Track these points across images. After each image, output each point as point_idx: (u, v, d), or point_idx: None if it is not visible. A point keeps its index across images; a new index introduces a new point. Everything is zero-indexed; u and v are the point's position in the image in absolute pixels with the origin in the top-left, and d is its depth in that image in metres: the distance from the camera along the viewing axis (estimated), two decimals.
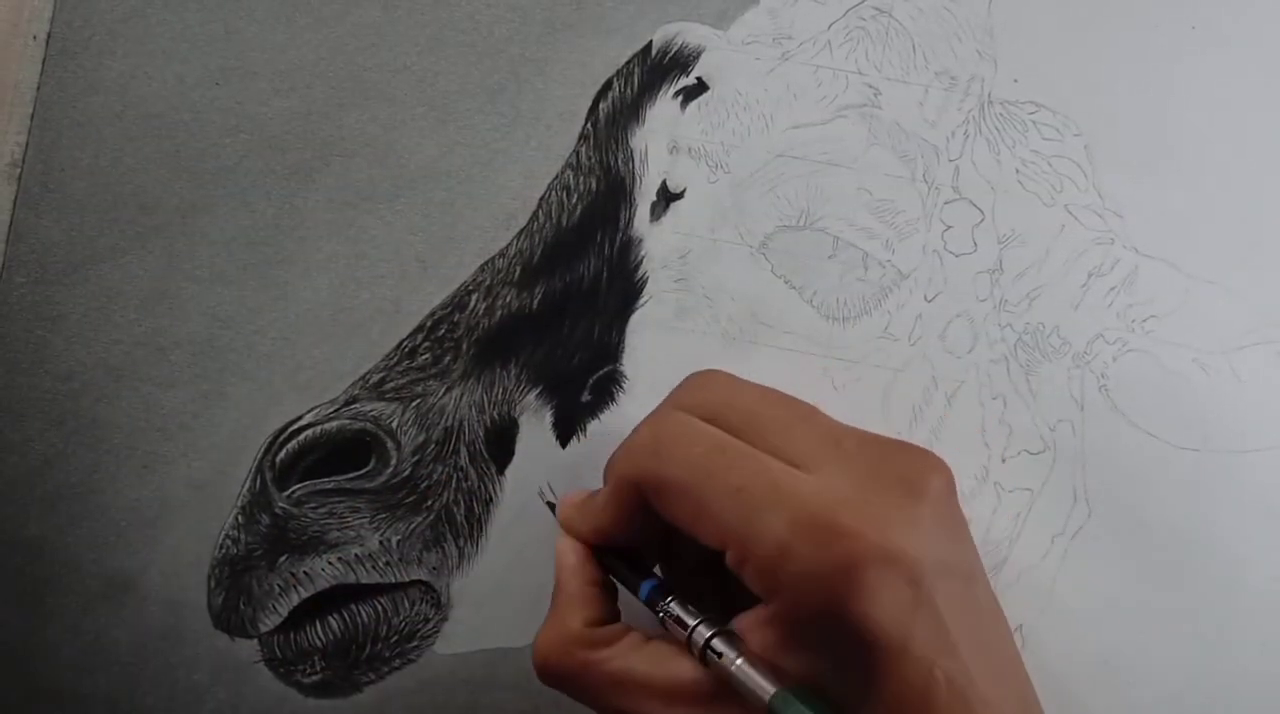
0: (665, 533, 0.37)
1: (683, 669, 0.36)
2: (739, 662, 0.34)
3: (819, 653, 0.34)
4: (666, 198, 0.44)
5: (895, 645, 0.33)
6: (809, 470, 0.36)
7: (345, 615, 0.44)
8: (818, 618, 0.34)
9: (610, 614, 0.38)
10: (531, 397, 0.44)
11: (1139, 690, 0.43)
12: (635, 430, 0.38)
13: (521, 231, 0.45)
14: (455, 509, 0.44)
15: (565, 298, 0.44)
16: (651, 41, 0.45)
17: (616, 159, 0.45)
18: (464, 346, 0.44)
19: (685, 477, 0.36)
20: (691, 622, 0.36)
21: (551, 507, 0.42)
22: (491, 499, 0.44)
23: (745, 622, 0.36)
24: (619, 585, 0.39)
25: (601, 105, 0.45)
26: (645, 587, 0.37)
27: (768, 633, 0.35)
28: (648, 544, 0.39)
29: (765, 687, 0.34)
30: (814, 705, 0.33)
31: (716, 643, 0.35)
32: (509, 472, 0.44)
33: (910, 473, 0.36)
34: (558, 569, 0.39)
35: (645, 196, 0.44)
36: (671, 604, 0.37)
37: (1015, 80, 0.44)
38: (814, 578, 0.33)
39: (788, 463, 0.36)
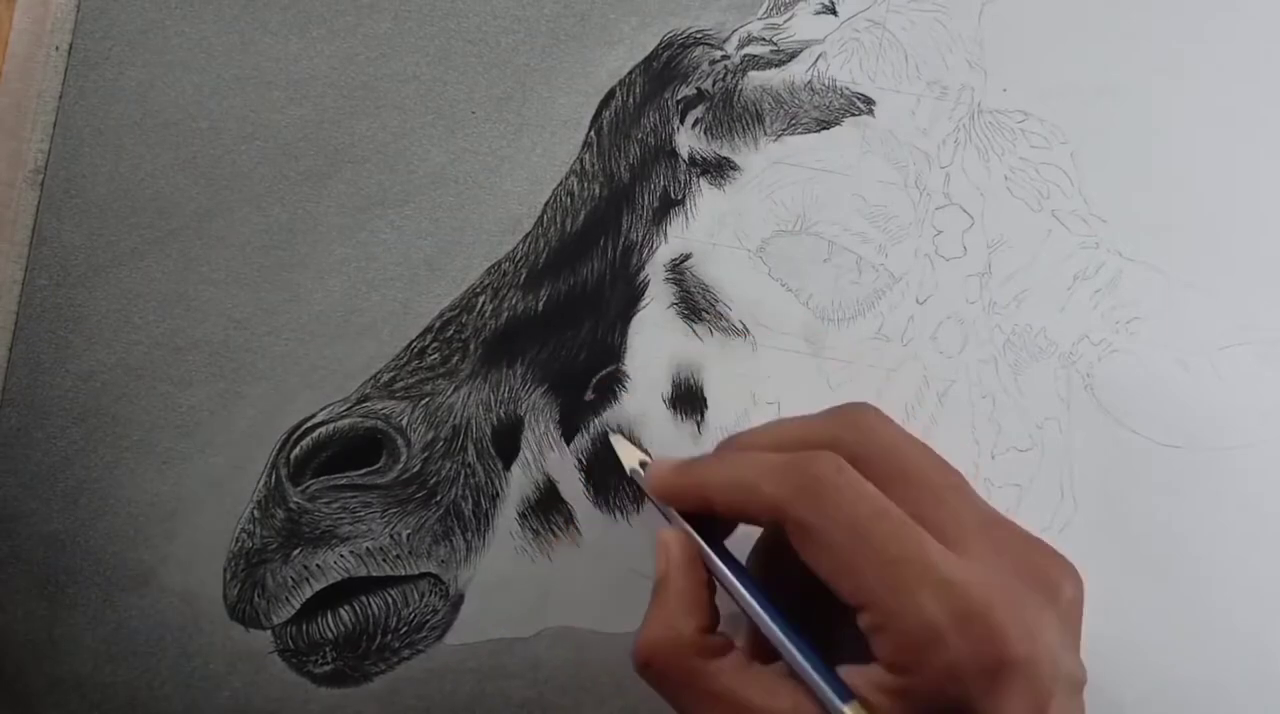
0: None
1: (783, 704, 0.35)
2: None
3: None
4: (667, 203, 0.45)
5: None
6: (958, 553, 0.34)
7: (356, 607, 0.44)
8: (948, 707, 0.33)
9: (715, 621, 0.37)
10: (537, 395, 0.44)
11: (1124, 684, 0.43)
12: (769, 432, 0.38)
13: (527, 236, 0.45)
14: (463, 504, 0.44)
15: (569, 300, 0.44)
16: (653, 52, 0.45)
17: (619, 166, 0.45)
18: (471, 347, 0.44)
19: (840, 538, 0.34)
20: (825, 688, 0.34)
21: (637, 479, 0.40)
22: (498, 494, 0.44)
23: (861, 678, 0.34)
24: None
25: (605, 114, 0.45)
26: (803, 648, 0.35)
27: (893, 704, 0.34)
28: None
29: None
30: None
31: None
32: (515, 468, 0.44)
33: (1049, 576, 0.35)
34: (664, 562, 0.38)
35: (647, 202, 0.45)
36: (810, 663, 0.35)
37: (1004, 90, 0.45)
38: (960, 671, 0.33)
39: (936, 537, 0.34)
